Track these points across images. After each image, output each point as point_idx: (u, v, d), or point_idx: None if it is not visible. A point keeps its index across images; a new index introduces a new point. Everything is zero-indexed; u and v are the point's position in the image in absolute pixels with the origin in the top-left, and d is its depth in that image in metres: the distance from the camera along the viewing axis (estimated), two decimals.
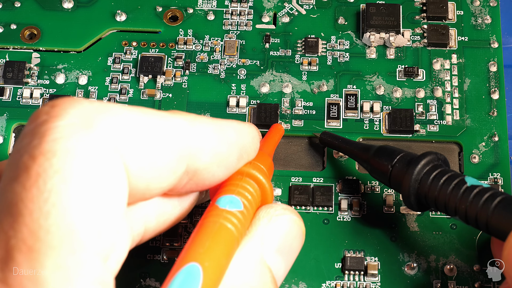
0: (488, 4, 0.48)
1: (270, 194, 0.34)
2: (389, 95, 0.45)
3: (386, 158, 0.39)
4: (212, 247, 0.30)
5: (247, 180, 0.34)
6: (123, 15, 0.48)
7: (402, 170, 0.38)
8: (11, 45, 0.47)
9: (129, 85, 0.46)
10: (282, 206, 0.34)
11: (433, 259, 0.41)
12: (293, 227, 0.34)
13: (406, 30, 0.47)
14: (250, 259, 0.32)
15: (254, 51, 0.47)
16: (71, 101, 0.29)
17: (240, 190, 0.33)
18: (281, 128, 0.42)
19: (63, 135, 0.28)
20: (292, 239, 0.34)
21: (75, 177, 0.27)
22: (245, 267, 0.32)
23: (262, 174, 0.34)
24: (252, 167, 0.34)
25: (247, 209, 0.32)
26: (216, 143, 0.32)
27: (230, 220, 0.31)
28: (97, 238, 0.28)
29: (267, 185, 0.34)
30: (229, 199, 0.32)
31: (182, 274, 0.29)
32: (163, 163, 0.30)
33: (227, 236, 0.31)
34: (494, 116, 0.44)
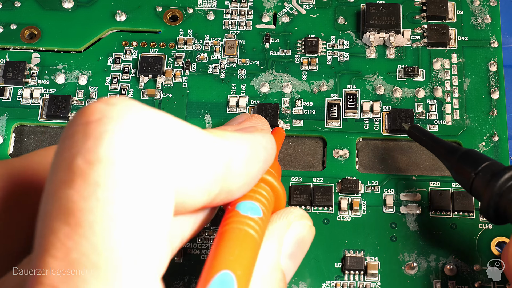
0: (488, 4, 0.48)
1: (283, 198, 0.35)
2: (389, 95, 0.45)
3: (471, 165, 0.38)
4: (242, 254, 0.30)
5: (261, 185, 0.34)
6: (123, 15, 0.48)
7: (484, 180, 0.37)
8: (11, 45, 0.47)
9: (129, 85, 0.46)
10: (299, 212, 0.34)
11: (433, 259, 0.41)
12: (308, 233, 0.35)
13: (406, 30, 0.47)
14: (268, 264, 0.32)
15: (254, 51, 0.47)
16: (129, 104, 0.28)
17: (258, 196, 0.33)
18: (283, 132, 0.42)
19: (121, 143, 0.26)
20: (304, 244, 0.34)
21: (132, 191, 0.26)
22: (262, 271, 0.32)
23: (274, 178, 0.34)
24: (268, 173, 0.34)
25: (265, 215, 0.33)
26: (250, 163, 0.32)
27: (253, 227, 0.31)
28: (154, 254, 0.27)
29: (280, 189, 0.34)
30: (249, 205, 0.32)
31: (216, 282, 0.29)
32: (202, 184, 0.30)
33: (252, 243, 0.31)
34: (494, 116, 0.44)
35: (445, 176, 0.43)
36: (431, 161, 0.44)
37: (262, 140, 0.33)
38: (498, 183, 0.36)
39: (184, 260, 0.41)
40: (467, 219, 0.42)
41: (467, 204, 0.42)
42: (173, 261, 0.41)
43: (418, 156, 0.44)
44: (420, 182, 0.43)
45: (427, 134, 0.41)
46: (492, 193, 0.36)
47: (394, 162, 0.44)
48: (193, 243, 0.42)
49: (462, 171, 0.38)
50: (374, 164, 0.44)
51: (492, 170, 0.37)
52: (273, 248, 0.33)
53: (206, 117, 0.45)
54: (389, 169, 0.44)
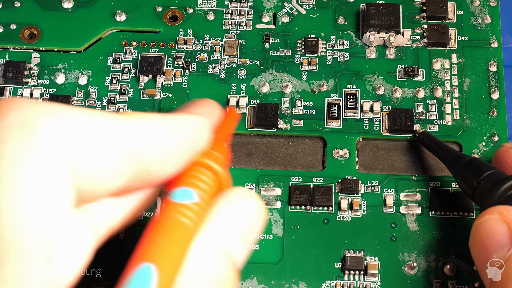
0: (488, 4, 0.48)
1: (227, 181, 0.34)
2: (389, 95, 0.45)
3: (474, 173, 0.39)
4: (166, 244, 0.30)
5: (200, 169, 0.33)
6: (123, 15, 0.48)
7: (486, 189, 0.38)
8: (11, 45, 0.47)
9: (129, 85, 0.46)
10: (242, 191, 0.33)
11: (433, 259, 0.41)
12: (255, 211, 0.33)
13: (406, 30, 0.47)
14: (211, 247, 0.31)
15: (254, 51, 0.47)
16: (11, 102, 0.29)
17: (193, 181, 0.32)
18: (236, 112, 0.40)
19: (1, 138, 0.27)
20: (254, 223, 0.33)
21: (12, 181, 0.27)
22: (206, 255, 0.31)
23: (216, 161, 0.34)
24: (205, 156, 0.34)
25: (202, 199, 0.32)
26: (168, 141, 0.32)
27: (184, 213, 0.31)
28: (41, 242, 0.27)
29: (222, 172, 0.33)
30: (182, 191, 0.32)
31: (135, 276, 0.29)
32: (109, 165, 0.30)
33: (181, 231, 0.30)
34: (494, 116, 0.44)
35: (445, 176, 0.43)
36: (431, 161, 0.44)
37: (187, 120, 0.33)
38: (498, 193, 0.37)
39: None
40: (467, 219, 0.42)
41: (467, 204, 0.42)
42: None
43: (418, 156, 0.44)
44: (420, 182, 0.43)
45: (435, 141, 0.42)
46: (492, 202, 0.37)
47: (394, 162, 0.44)
48: None
49: (465, 179, 0.39)
50: (374, 164, 0.44)
51: (493, 180, 0.38)
52: (215, 230, 0.32)
53: None
54: (389, 169, 0.44)
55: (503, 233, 0.35)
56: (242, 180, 0.43)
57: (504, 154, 0.40)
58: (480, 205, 0.38)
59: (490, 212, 0.36)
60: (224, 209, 0.32)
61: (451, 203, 0.42)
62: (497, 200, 0.37)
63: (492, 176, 0.38)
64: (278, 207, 0.42)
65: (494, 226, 0.35)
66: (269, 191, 0.43)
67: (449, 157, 0.41)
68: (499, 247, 0.35)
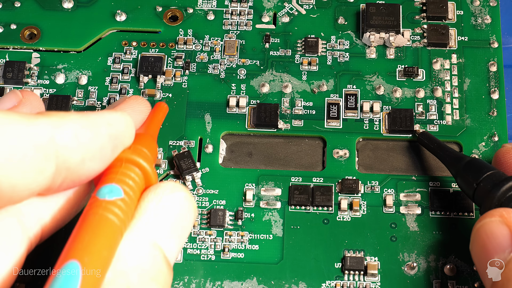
0: (488, 4, 0.48)
1: (153, 176, 0.34)
2: (389, 95, 0.45)
3: (473, 174, 0.39)
4: (92, 241, 0.30)
5: (127, 165, 0.33)
6: (123, 15, 0.48)
7: (485, 190, 0.38)
8: (11, 45, 0.47)
9: (129, 85, 0.46)
10: (170, 185, 0.34)
11: (433, 259, 0.41)
12: (184, 204, 0.34)
13: (406, 30, 0.47)
14: (140, 242, 0.32)
15: (254, 51, 0.47)
16: None
17: (120, 177, 0.32)
18: (165, 106, 0.40)
19: None
20: (184, 216, 0.33)
21: None
22: (136, 251, 0.31)
23: (143, 157, 0.33)
24: (132, 151, 0.34)
25: (128, 195, 0.32)
26: (86, 138, 0.32)
27: (111, 210, 0.31)
28: None
29: (148, 168, 0.33)
30: (108, 188, 0.32)
31: (61, 274, 0.29)
32: (28, 165, 0.30)
33: (108, 228, 0.31)
34: (494, 116, 0.44)
35: (445, 176, 0.43)
36: (431, 161, 0.44)
37: (107, 117, 0.33)
38: (497, 194, 0.37)
39: (184, 260, 0.41)
40: (467, 219, 0.42)
41: (467, 204, 0.42)
42: None
43: (418, 156, 0.44)
44: (420, 182, 0.43)
45: (435, 142, 0.42)
46: (491, 204, 0.37)
47: (394, 162, 0.44)
48: (193, 243, 0.42)
49: (465, 181, 0.39)
50: (374, 164, 0.44)
51: (492, 181, 0.38)
52: (143, 225, 0.32)
53: (206, 117, 0.45)
54: (389, 169, 0.44)
55: (504, 236, 0.35)
56: (242, 180, 0.43)
57: (504, 155, 0.40)
58: (480, 206, 0.38)
59: (490, 215, 0.36)
60: (152, 204, 0.33)
61: (451, 203, 0.42)
62: (496, 201, 0.37)
63: (492, 177, 0.38)
64: (278, 207, 0.42)
65: (495, 228, 0.35)
66: (269, 191, 0.43)
67: (449, 158, 0.41)
68: (500, 249, 0.35)
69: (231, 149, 0.44)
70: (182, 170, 0.43)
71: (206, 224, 0.42)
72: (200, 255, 0.41)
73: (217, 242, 0.42)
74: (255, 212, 0.42)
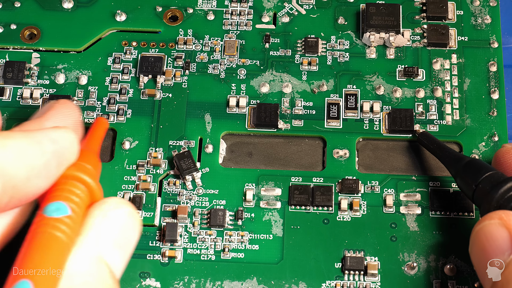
0: (488, 4, 0.48)
1: (98, 192, 0.34)
2: (389, 95, 0.45)
3: (472, 176, 0.39)
4: (42, 260, 0.30)
5: (72, 182, 0.33)
6: (123, 15, 0.48)
7: (484, 192, 0.38)
8: (11, 45, 0.47)
9: (129, 85, 0.46)
10: (115, 200, 0.34)
11: (433, 259, 0.41)
12: (128, 219, 0.34)
13: (406, 30, 0.47)
14: (86, 258, 0.32)
15: (254, 51, 0.47)
16: None
17: (66, 195, 0.33)
18: (105, 121, 0.40)
19: None
20: (128, 231, 0.34)
21: None
22: (82, 267, 0.32)
23: (87, 173, 0.34)
24: (76, 168, 0.34)
25: (75, 212, 0.32)
26: (31, 156, 0.32)
27: (58, 228, 0.31)
28: None
29: (93, 184, 0.34)
30: (55, 206, 0.32)
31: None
32: None
33: (56, 245, 0.31)
34: (494, 116, 0.44)
35: (445, 176, 0.43)
36: (431, 161, 0.44)
37: (49, 133, 0.33)
38: (496, 197, 0.37)
39: (184, 260, 0.41)
40: (467, 219, 0.42)
41: (467, 204, 0.42)
42: (173, 261, 0.41)
43: (418, 156, 0.44)
44: (420, 182, 0.43)
45: (434, 142, 0.42)
46: (490, 206, 0.37)
47: (394, 162, 0.44)
48: (193, 243, 0.42)
49: (464, 182, 0.39)
50: (374, 164, 0.44)
51: (491, 182, 0.38)
52: (89, 241, 0.32)
53: (206, 117, 0.45)
54: (389, 169, 0.44)
55: (504, 238, 0.35)
56: (242, 180, 0.43)
57: (504, 155, 0.40)
58: (479, 207, 0.38)
59: (490, 217, 0.36)
60: (97, 220, 0.33)
61: (451, 203, 0.42)
62: (495, 203, 0.37)
63: (490, 178, 0.38)
64: (278, 207, 0.42)
65: (495, 231, 0.35)
66: (269, 191, 0.43)
67: (448, 158, 0.41)
68: (499, 251, 0.35)
69: (231, 149, 0.44)
70: (182, 170, 0.43)
71: (206, 224, 0.42)
72: (200, 255, 0.41)
73: (217, 242, 0.42)
74: (255, 212, 0.42)
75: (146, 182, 0.43)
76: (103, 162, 0.44)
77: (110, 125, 0.45)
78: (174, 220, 0.42)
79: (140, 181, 0.43)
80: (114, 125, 0.45)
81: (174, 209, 0.42)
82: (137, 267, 0.41)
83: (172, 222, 0.42)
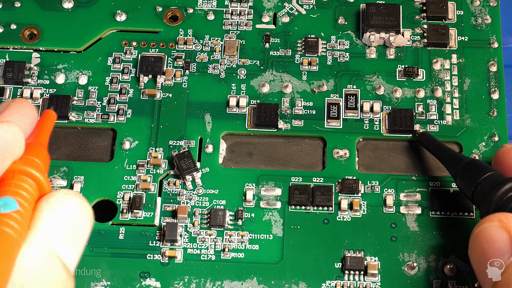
0: (488, 4, 0.48)
1: (47, 186, 0.34)
2: (389, 95, 0.45)
3: (471, 177, 0.39)
4: None
5: (20, 177, 0.33)
6: (123, 15, 0.48)
7: (483, 193, 0.38)
8: (11, 45, 0.47)
9: (129, 85, 0.46)
10: (63, 192, 0.33)
11: (433, 259, 0.41)
12: (78, 210, 0.33)
13: (406, 30, 0.47)
14: (37, 253, 0.32)
15: (254, 51, 0.47)
16: None
17: (13, 189, 0.32)
18: (53, 114, 0.39)
19: None
20: (79, 223, 0.33)
21: None
22: (33, 262, 0.31)
23: (34, 167, 0.34)
24: (23, 162, 0.33)
25: (24, 207, 0.32)
26: None
27: (6, 223, 0.31)
28: None
29: (41, 178, 0.33)
30: (2, 201, 0.32)
31: None
32: None
33: (5, 241, 0.31)
34: (494, 116, 0.44)
35: (445, 176, 0.43)
36: (431, 161, 0.44)
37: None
38: (494, 199, 0.37)
39: (184, 260, 0.41)
40: (467, 219, 0.42)
41: (467, 204, 0.42)
42: (173, 261, 0.41)
43: (418, 156, 0.44)
44: (420, 182, 0.43)
45: (434, 143, 0.42)
46: (489, 207, 0.37)
47: (394, 162, 0.44)
48: (193, 243, 0.42)
49: (464, 183, 0.39)
50: (374, 164, 0.44)
51: (490, 183, 0.38)
52: (39, 236, 0.32)
53: (206, 117, 0.45)
54: (389, 169, 0.44)
55: (503, 240, 0.35)
56: (242, 180, 0.43)
57: (504, 155, 0.40)
58: (479, 208, 0.38)
59: (489, 220, 0.36)
60: (46, 213, 0.33)
61: (451, 203, 0.42)
62: (494, 205, 0.37)
63: (489, 179, 0.38)
64: (278, 207, 0.42)
65: (494, 233, 0.35)
66: (269, 191, 0.43)
67: (448, 159, 0.41)
68: (499, 254, 0.35)
69: (231, 149, 0.44)
70: (182, 170, 0.43)
71: (206, 224, 0.42)
72: (200, 255, 0.41)
73: (217, 242, 0.42)
74: (255, 212, 0.42)
75: (146, 182, 0.43)
76: (103, 162, 0.44)
77: (111, 125, 0.45)
78: (174, 220, 0.42)
79: (140, 181, 0.43)
80: (114, 125, 0.45)
81: (174, 209, 0.42)
82: (137, 267, 0.41)
83: (172, 222, 0.42)
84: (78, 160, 0.44)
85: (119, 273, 0.41)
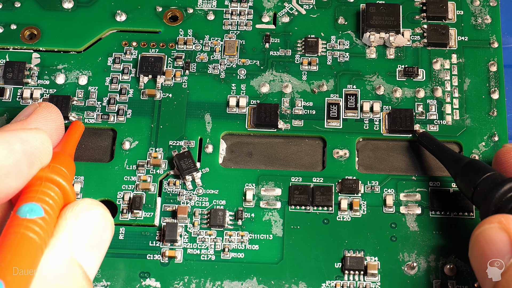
0: (488, 4, 0.47)
1: (72, 194, 0.35)
2: (389, 95, 0.45)
3: (471, 177, 0.39)
4: (14, 260, 0.30)
5: (46, 184, 0.34)
6: (123, 15, 0.48)
7: (483, 193, 0.38)
8: (11, 45, 0.47)
9: (129, 85, 0.46)
10: (87, 202, 0.34)
11: (433, 259, 0.41)
12: (101, 220, 0.34)
13: (406, 30, 0.47)
14: (59, 259, 0.32)
15: (254, 51, 0.47)
16: None
17: (40, 196, 0.33)
18: (81, 125, 0.41)
19: None
20: (101, 232, 0.34)
21: None
22: (55, 268, 0.32)
23: (61, 175, 0.34)
24: (50, 170, 0.34)
25: (48, 214, 0.33)
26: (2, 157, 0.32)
27: (31, 228, 0.32)
28: None
29: (67, 186, 0.34)
30: (29, 207, 0.32)
31: None
32: None
33: (29, 246, 0.31)
34: (494, 116, 0.44)
35: (445, 176, 0.43)
36: (431, 161, 0.44)
37: (19, 133, 0.33)
38: (494, 200, 0.37)
39: (184, 260, 0.41)
40: (467, 219, 0.42)
41: (467, 204, 0.42)
42: (173, 261, 0.41)
43: (418, 156, 0.44)
44: (420, 182, 0.43)
45: (434, 143, 0.42)
46: (489, 208, 0.37)
47: (394, 162, 0.44)
48: (193, 243, 0.42)
49: (464, 183, 0.39)
50: (374, 164, 0.44)
51: (489, 184, 0.38)
52: (62, 243, 0.33)
53: (206, 117, 0.45)
54: (389, 169, 0.44)
55: (503, 242, 0.35)
56: (242, 180, 0.43)
57: (505, 155, 0.40)
58: (479, 208, 0.38)
59: (489, 221, 0.36)
60: (70, 221, 0.33)
61: (451, 203, 0.42)
62: (493, 206, 0.37)
63: (488, 180, 0.38)
64: (278, 207, 0.42)
65: (494, 235, 0.35)
66: (269, 191, 0.43)
67: (448, 159, 0.41)
68: (499, 255, 0.35)
69: (231, 149, 0.44)
70: (182, 170, 0.43)
71: (206, 224, 0.42)
72: (200, 255, 0.41)
73: (217, 242, 0.42)
74: (255, 212, 0.42)
75: (146, 182, 0.43)
76: (103, 162, 0.44)
77: (111, 125, 0.45)
78: (174, 220, 0.42)
79: (140, 181, 0.43)
80: (114, 125, 0.45)
81: (174, 209, 0.42)
82: (137, 267, 0.41)
83: (172, 222, 0.42)
84: (78, 160, 0.44)
85: (119, 273, 0.41)
